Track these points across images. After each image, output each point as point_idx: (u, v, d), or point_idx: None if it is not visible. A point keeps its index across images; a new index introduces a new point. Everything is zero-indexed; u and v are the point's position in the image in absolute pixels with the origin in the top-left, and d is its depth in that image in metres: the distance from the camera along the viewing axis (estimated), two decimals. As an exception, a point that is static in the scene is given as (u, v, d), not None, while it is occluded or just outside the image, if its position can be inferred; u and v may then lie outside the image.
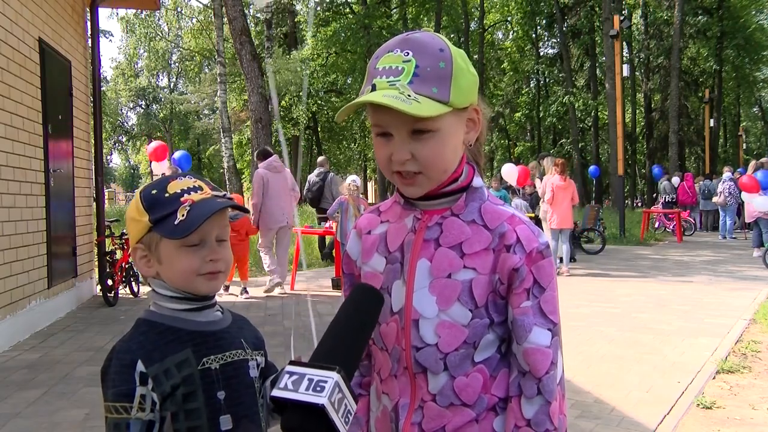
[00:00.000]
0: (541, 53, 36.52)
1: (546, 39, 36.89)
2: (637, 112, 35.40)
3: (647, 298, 7.66)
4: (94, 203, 8.18)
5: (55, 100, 6.67)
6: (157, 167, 9.47)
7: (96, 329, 6.02)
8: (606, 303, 7.35)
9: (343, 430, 0.90)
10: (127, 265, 7.62)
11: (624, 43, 27.61)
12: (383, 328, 1.16)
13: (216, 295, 1.27)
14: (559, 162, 9.47)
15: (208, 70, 37.39)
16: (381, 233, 1.21)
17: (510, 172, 10.52)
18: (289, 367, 0.94)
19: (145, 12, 36.07)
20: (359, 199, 7.81)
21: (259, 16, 28.58)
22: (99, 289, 7.58)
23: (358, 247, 1.25)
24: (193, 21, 39.00)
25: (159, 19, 40.94)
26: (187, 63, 42.35)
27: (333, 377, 0.90)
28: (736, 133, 37.70)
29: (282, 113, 28.64)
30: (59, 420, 3.66)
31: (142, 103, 45.12)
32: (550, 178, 9.40)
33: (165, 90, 44.68)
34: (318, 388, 0.89)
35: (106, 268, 7.44)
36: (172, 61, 45.12)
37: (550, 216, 9.34)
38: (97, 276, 7.90)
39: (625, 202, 23.30)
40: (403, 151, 1.06)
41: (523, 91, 37.23)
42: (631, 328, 6.03)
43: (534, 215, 9.78)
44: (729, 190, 14.97)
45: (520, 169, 10.63)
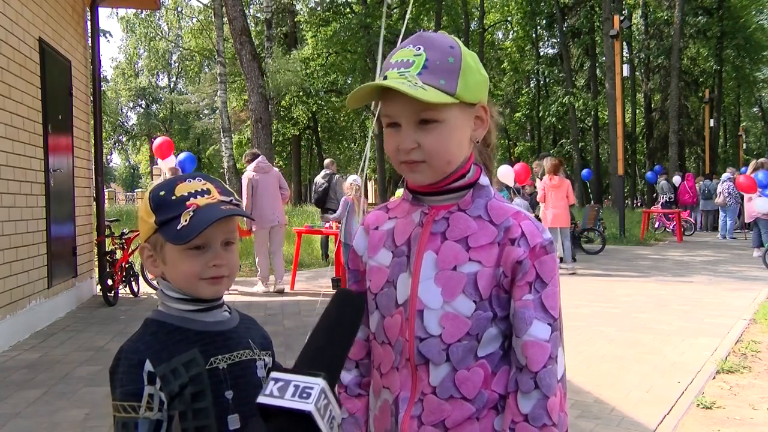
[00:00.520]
0: (541, 53, 36.52)
1: (546, 39, 36.89)
2: (637, 112, 35.40)
3: (647, 298, 7.66)
4: (94, 203, 8.18)
5: (55, 100, 6.67)
6: (162, 164, 9.44)
7: (96, 329, 6.02)
8: (606, 303, 7.35)
9: None
10: (127, 265, 7.62)
11: (624, 43, 27.62)
12: (387, 321, 1.18)
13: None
14: (552, 162, 9.57)
15: (208, 70, 37.38)
16: (388, 229, 1.23)
17: (506, 173, 10.46)
18: (274, 374, 0.94)
19: (145, 12, 36.10)
20: (362, 198, 7.83)
21: (259, 15, 28.59)
22: (99, 288, 7.58)
23: (365, 243, 1.27)
24: (193, 21, 38.99)
25: (159, 19, 40.98)
26: (187, 63, 42.35)
27: (319, 383, 0.90)
28: (736, 133, 37.68)
29: (282, 113, 28.66)
30: (59, 420, 3.66)
31: (142, 103, 45.14)
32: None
33: (165, 90, 44.70)
34: (304, 395, 0.89)
35: (106, 267, 7.44)
36: (172, 61, 45.15)
37: (543, 214, 9.44)
38: (97, 276, 7.90)
39: (625, 202, 23.31)
40: (410, 139, 1.11)
41: (523, 91, 37.23)
42: (631, 328, 6.03)
43: (535, 215, 9.81)
44: (729, 191, 14.98)
45: (519, 166, 10.61)
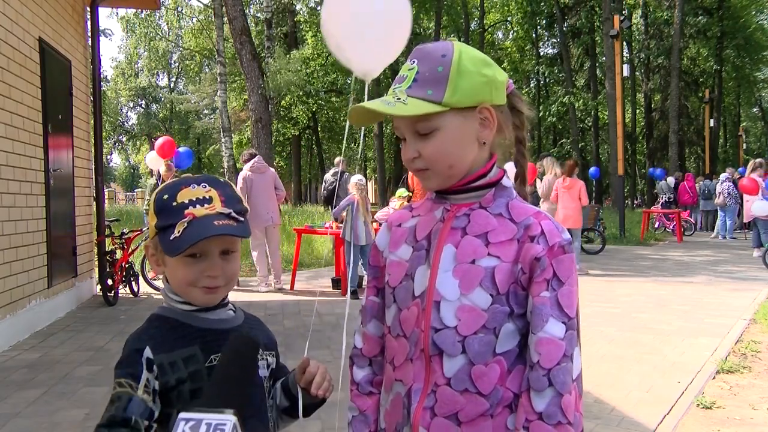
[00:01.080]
0: (541, 53, 36.52)
1: (546, 39, 36.88)
2: (637, 112, 35.39)
3: (647, 298, 7.66)
4: (94, 203, 8.18)
5: (55, 100, 6.66)
6: (153, 163, 9.44)
7: (96, 329, 6.02)
8: (606, 303, 7.35)
9: None
10: (127, 265, 7.62)
11: (624, 43, 27.60)
12: (403, 313, 1.19)
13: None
14: (568, 164, 9.71)
15: (208, 70, 37.36)
16: (411, 226, 1.26)
17: (509, 173, 10.52)
18: (183, 414, 0.94)
19: (145, 12, 36.09)
20: (366, 198, 7.84)
21: (259, 15, 28.60)
22: (99, 288, 7.58)
23: (387, 239, 1.29)
24: (193, 21, 38.98)
25: (159, 19, 40.94)
26: (187, 63, 42.33)
27: (231, 420, 0.92)
28: (736, 133, 37.66)
29: (282, 113, 28.64)
30: (59, 420, 3.66)
31: (142, 103, 45.11)
32: (550, 177, 9.52)
33: (165, 90, 44.66)
34: None
35: (106, 267, 7.44)
36: (172, 61, 45.12)
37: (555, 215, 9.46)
38: (97, 276, 7.90)
39: (625, 202, 23.29)
40: (411, 150, 1.16)
41: (523, 91, 37.14)
42: (631, 328, 6.03)
43: None
44: (728, 191, 14.97)
45: (528, 167, 10.67)
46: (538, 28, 35.48)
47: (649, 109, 34.61)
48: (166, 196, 1.19)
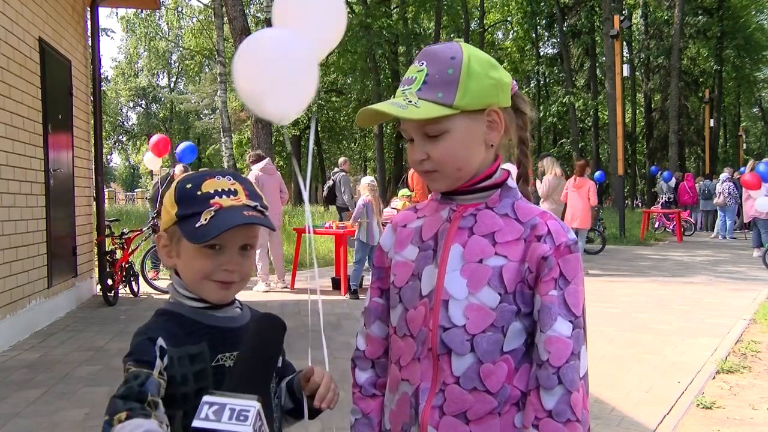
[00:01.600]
0: (541, 53, 36.50)
1: (546, 39, 36.85)
2: (637, 112, 35.38)
3: (647, 298, 7.66)
4: (94, 203, 8.18)
5: (55, 100, 6.66)
6: (150, 162, 9.44)
7: (96, 329, 6.02)
8: (606, 303, 7.35)
9: None
10: (127, 265, 7.62)
11: (624, 43, 27.59)
12: (410, 313, 1.19)
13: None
14: (578, 164, 9.94)
15: (208, 70, 37.42)
16: (416, 227, 1.26)
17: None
18: (207, 398, 0.94)
19: (145, 11, 36.10)
20: (379, 198, 7.93)
21: (259, 15, 28.59)
22: (99, 288, 7.58)
23: (392, 240, 1.30)
24: (194, 21, 38.99)
25: (159, 19, 40.96)
26: (187, 62, 42.35)
27: (255, 406, 0.92)
28: (736, 133, 37.64)
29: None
30: (59, 420, 3.66)
31: (142, 103, 45.14)
32: (550, 177, 9.53)
33: (165, 90, 44.67)
34: (241, 417, 0.91)
35: (106, 267, 7.44)
36: (172, 61, 45.14)
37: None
38: (97, 276, 7.90)
39: (625, 202, 23.29)
40: (419, 152, 1.16)
41: (523, 91, 36.78)
42: (631, 328, 6.03)
43: None
44: (728, 191, 14.97)
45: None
46: (538, 28, 35.45)
47: (649, 109, 34.60)
48: (189, 185, 1.18)
